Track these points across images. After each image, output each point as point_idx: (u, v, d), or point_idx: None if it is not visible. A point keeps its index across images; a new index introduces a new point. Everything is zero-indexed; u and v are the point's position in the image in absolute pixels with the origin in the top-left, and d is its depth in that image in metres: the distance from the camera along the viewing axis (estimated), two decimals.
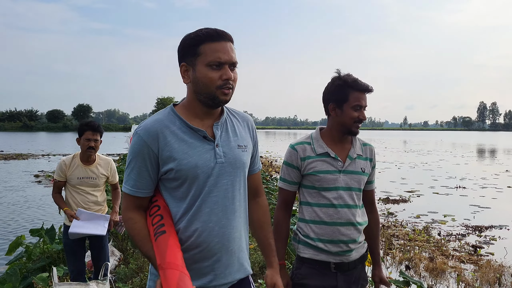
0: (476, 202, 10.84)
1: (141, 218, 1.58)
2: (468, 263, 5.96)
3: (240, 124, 1.71)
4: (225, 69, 1.50)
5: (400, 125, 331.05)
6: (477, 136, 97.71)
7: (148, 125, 1.54)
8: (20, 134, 74.59)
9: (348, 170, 2.13)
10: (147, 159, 1.53)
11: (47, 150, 31.40)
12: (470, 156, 28.59)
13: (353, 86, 2.08)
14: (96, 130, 3.81)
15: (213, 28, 1.54)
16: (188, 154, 1.52)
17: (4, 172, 17.67)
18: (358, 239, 2.14)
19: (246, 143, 1.68)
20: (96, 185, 3.90)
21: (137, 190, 1.56)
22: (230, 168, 1.58)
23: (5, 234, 7.82)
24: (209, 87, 1.51)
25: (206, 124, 1.59)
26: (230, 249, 1.59)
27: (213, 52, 1.49)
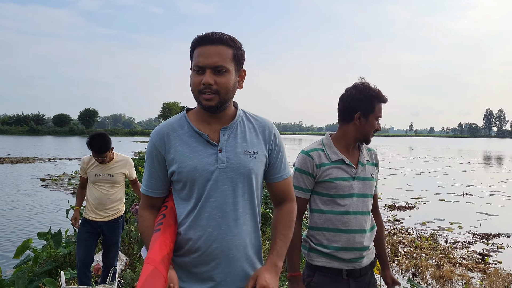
0: (483, 210, 10.77)
1: (150, 217, 1.64)
2: (475, 271, 5.91)
3: (255, 129, 1.66)
4: (205, 73, 1.49)
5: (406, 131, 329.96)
6: (483, 143, 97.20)
7: (158, 128, 1.61)
8: (27, 138, 75.02)
9: (360, 176, 2.14)
10: (156, 161, 1.60)
11: (53, 154, 31.55)
12: (476, 163, 28.44)
13: (379, 98, 2.14)
14: (100, 152, 3.91)
15: (207, 32, 1.53)
16: (189, 157, 1.54)
17: (11, 176, 17.77)
18: (370, 245, 2.15)
19: (256, 150, 1.61)
20: (114, 181, 4.08)
21: (149, 190, 1.64)
22: (232, 173, 1.55)
23: (13, 238, 7.87)
24: (193, 91, 1.54)
25: (214, 128, 1.59)
26: (231, 256, 1.55)
27: (197, 56, 1.50)
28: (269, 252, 1.63)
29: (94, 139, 3.87)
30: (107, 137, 3.95)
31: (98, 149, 3.87)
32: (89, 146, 3.89)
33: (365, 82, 2.15)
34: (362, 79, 2.17)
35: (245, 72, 1.63)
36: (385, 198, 11.93)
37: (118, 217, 4.15)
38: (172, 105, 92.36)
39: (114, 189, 4.10)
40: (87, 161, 4.07)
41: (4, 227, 8.68)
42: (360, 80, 2.17)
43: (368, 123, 2.13)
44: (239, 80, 1.61)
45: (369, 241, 2.14)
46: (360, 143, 2.20)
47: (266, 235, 6.81)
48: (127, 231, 5.98)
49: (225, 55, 1.50)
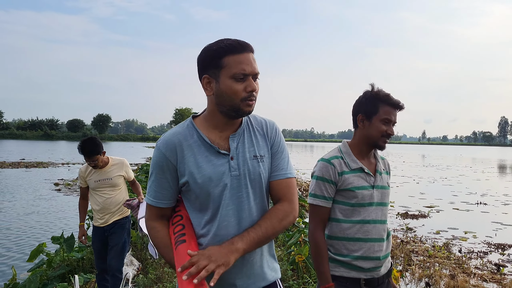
0: (498, 219, 10.60)
1: (163, 227, 1.63)
2: (491, 282, 5.81)
3: (258, 131, 1.66)
4: (249, 80, 1.50)
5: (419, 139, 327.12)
6: (498, 151, 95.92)
7: (167, 138, 1.58)
8: (41, 142, 76.02)
9: (379, 185, 2.12)
10: (167, 171, 1.57)
11: (67, 159, 31.92)
12: (491, 172, 28.05)
13: (384, 100, 2.09)
14: (90, 155, 3.95)
15: (234, 39, 1.53)
16: (202, 167, 1.53)
17: (26, 180, 18.00)
18: (388, 254, 2.14)
19: (263, 153, 1.63)
20: (114, 185, 4.13)
21: (159, 201, 1.61)
22: (245, 180, 1.56)
23: (27, 241, 7.96)
24: (233, 100, 1.51)
25: (224, 135, 1.59)
26: (251, 259, 1.58)
27: (237, 64, 1.48)
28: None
29: (84, 143, 3.95)
30: (96, 140, 4.02)
31: (88, 153, 3.92)
32: (80, 150, 3.96)
33: (373, 86, 2.14)
34: (372, 84, 2.15)
35: None
36: (397, 206, 11.81)
37: (122, 218, 4.17)
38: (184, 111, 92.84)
39: (115, 191, 4.15)
40: (84, 170, 4.14)
41: (19, 231, 8.79)
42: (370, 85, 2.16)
43: (372, 126, 2.09)
44: None
45: (387, 249, 2.12)
46: (375, 149, 2.16)
47: (278, 242, 6.78)
48: (140, 236, 6.01)
49: (256, 62, 1.55)
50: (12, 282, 4.74)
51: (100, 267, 4.18)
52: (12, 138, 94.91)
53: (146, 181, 11.98)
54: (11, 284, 4.69)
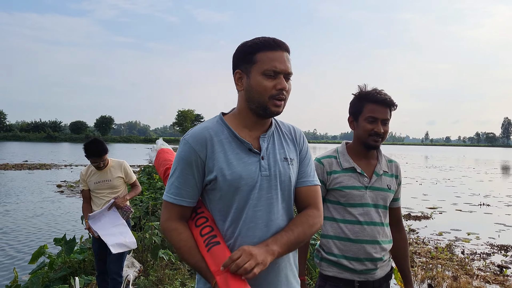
0: (501, 220, 10.55)
1: (186, 229, 1.52)
2: (493, 283, 5.78)
3: (288, 136, 1.64)
4: (280, 78, 1.47)
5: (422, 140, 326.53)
6: (501, 152, 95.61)
7: (196, 132, 1.52)
8: (44, 144, 76.24)
9: (374, 186, 2.10)
10: (195, 167, 1.49)
11: (70, 161, 31.99)
12: (494, 173, 27.95)
13: (367, 98, 2.06)
14: (99, 156, 4.03)
15: (270, 37, 1.52)
16: (233, 164, 1.48)
17: (29, 182, 18.04)
18: (384, 257, 2.09)
19: (292, 156, 1.60)
20: (112, 186, 4.16)
21: (181, 199, 1.51)
22: (274, 181, 1.52)
23: (29, 243, 7.97)
24: (262, 96, 1.48)
25: (254, 135, 1.55)
26: (277, 266, 1.51)
27: (270, 61, 1.47)
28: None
29: (91, 145, 4.02)
30: (100, 140, 4.12)
31: (97, 153, 4.00)
32: (87, 152, 4.00)
33: (360, 87, 2.12)
34: (360, 86, 2.13)
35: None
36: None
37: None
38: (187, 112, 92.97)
39: (115, 194, 4.18)
40: (85, 172, 4.19)
41: (21, 233, 8.80)
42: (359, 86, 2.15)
43: (359, 126, 2.09)
44: None
45: (383, 253, 2.08)
46: (367, 149, 2.12)
47: None
48: (141, 238, 6.00)
49: (290, 62, 1.52)
50: (13, 284, 4.74)
51: (100, 269, 4.19)
52: (15, 140, 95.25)
53: (148, 182, 11.99)
54: (13, 286, 4.69)
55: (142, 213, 7.75)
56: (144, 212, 7.83)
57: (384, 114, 2.06)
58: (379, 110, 2.04)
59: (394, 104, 2.08)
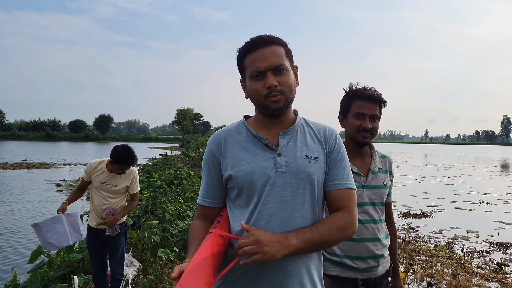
0: (501, 218, 10.55)
1: (200, 224, 1.56)
2: (493, 281, 5.78)
3: (315, 134, 1.58)
4: (267, 77, 1.45)
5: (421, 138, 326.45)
6: (500, 150, 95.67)
7: (215, 134, 1.58)
8: (43, 143, 76.14)
9: (371, 184, 2.10)
10: (211, 167, 1.55)
11: (69, 160, 31.93)
12: (493, 171, 27.96)
13: (355, 95, 2.08)
14: (129, 165, 3.96)
15: (253, 37, 1.50)
16: (246, 160, 1.48)
17: (28, 181, 18.01)
18: (385, 254, 2.11)
19: (317, 155, 1.52)
20: (115, 192, 4.05)
21: (204, 199, 1.59)
22: (291, 178, 1.46)
23: (27, 243, 7.96)
24: (258, 99, 1.49)
25: (273, 133, 1.54)
26: (289, 269, 1.43)
27: (252, 63, 1.47)
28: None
29: (124, 153, 3.86)
30: (133, 151, 3.98)
31: (128, 162, 3.90)
32: (118, 159, 3.85)
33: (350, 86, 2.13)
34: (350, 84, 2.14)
35: (297, 68, 1.59)
36: (400, 206, 11.76)
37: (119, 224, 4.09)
38: (186, 111, 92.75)
39: (115, 199, 4.07)
40: (95, 166, 4.01)
41: (20, 232, 8.79)
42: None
43: (348, 123, 2.11)
44: (295, 76, 1.56)
45: (383, 249, 2.10)
46: (358, 146, 2.12)
47: None
48: (140, 237, 5.99)
49: (280, 53, 1.48)
50: (12, 283, 4.73)
51: (96, 267, 4.15)
52: (14, 139, 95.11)
53: (147, 181, 11.97)
54: (11, 285, 4.68)
55: (141, 212, 7.74)
56: (143, 211, 7.82)
57: (372, 110, 2.06)
58: (366, 106, 2.05)
59: (382, 100, 2.09)
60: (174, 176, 13.25)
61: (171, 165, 20.03)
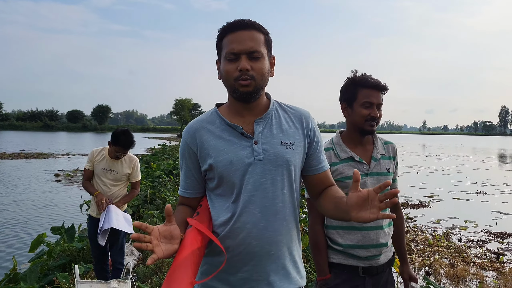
0: (498, 208, 10.61)
1: (184, 209, 1.57)
2: (490, 270, 5.83)
3: (291, 120, 1.58)
4: (241, 59, 1.43)
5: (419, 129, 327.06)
6: (498, 141, 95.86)
7: (189, 126, 1.56)
8: (41, 133, 76.00)
9: (374, 172, 2.10)
10: (189, 159, 1.55)
11: (67, 150, 31.91)
12: (491, 161, 28.05)
13: (361, 84, 2.06)
14: (127, 148, 3.98)
15: (236, 19, 1.48)
16: (224, 151, 1.47)
17: (26, 171, 18.01)
18: (388, 242, 2.11)
19: (293, 140, 1.53)
20: (117, 179, 4.08)
21: (185, 190, 1.60)
22: (270, 166, 1.47)
23: (28, 232, 7.98)
24: (228, 80, 1.46)
25: (248, 120, 1.52)
26: (272, 253, 1.48)
27: (229, 44, 1.44)
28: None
29: (122, 135, 3.93)
30: (132, 134, 4.05)
31: (126, 145, 3.93)
32: (117, 141, 3.91)
33: (352, 73, 2.11)
34: (352, 71, 2.12)
35: (274, 59, 1.56)
36: (398, 196, 11.74)
37: None
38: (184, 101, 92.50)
39: (116, 186, 4.10)
40: (97, 154, 4.08)
41: (20, 221, 8.80)
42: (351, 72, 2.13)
43: (354, 112, 2.08)
44: (271, 66, 1.54)
45: (386, 238, 2.10)
46: (364, 135, 2.12)
47: None
48: None
49: (259, 40, 1.45)
50: (12, 272, 4.74)
51: (97, 257, 4.16)
52: (11, 129, 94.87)
53: (146, 171, 11.98)
54: (11, 274, 4.70)
55: (141, 201, 7.76)
56: (143, 201, 7.84)
57: (378, 98, 2.06)
58: (373, 95, 2.05)
59: (386, 88, 2.08)
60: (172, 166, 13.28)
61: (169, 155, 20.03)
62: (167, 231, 1.32)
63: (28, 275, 4.41)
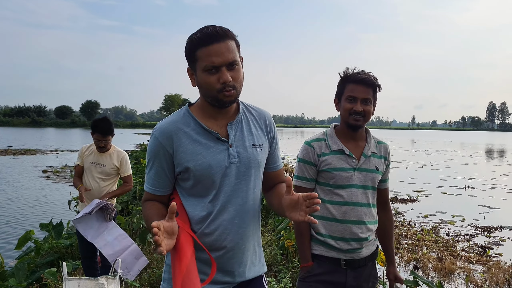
0: (485, 203, 10.74)
1: (154, 203, 1.63)
2: (477, 263, 5.91)
3: (257, 122, 1.68)
4: (221, 72, 1.47)
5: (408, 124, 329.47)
6: (486, 136, 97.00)
7: (163, 127, 1.57)
8: (29, 130, 75.17)
9: (362, 168, 2.12)
10: (163, 160, 1.57)
11: (55, 146, 31.61)
12: (479, 156, 28.37)
13: (348, 79, 2.10)
14: (106, 135, 3.98)
15: (207, 29, 1.49)
16: (202, 155, 1.53)
17: (13, 167, 17.81)
18: (369, 237, 2.13)
19: (261, 142, 1.66)
20: (105, 173, 4.07)
21: (156, 189, 1.62)
22: (243, 168, 1.58)
23: (15, 229, 7.90)
24: (210, 91, 1.50)
25: (221, 123, 1.59)
26: (243, 247, 1.61)
27: (207, 57, 1.46)
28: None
29: (100, 122, 3.97)
30: (110, 120, 4.06)
31: (103, 131, 3.94)
32: (94, 127, 3.95)
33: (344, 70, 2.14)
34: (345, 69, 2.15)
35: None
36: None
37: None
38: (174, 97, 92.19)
39: (105, 181, 4.09)
40: (85, 149, 4.14)
41: (7, 218, 8.71)
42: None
43: (341, 107, 2.13)
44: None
45: (368, 233, 2.12)
46: (350, 130, 2.14)
47: (267, 227, 6.81)
48: (129, 223, 5.99)
49: (233, 49, 1.50)
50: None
51: (85, 254, 4.12)
52: None
53: (136, 167, 11.92)
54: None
55: (130, 197, 7.72)
56: (132, 197, 7.81)
57: (364, 93, 2.07)
58: (358, 90, 2.06)
59: (375, 84, 2.09)
60: None
61: None
62: (170, 227, 1.39)
63: (15, 272, 4.35)
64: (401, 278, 2.31)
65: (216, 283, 1.59)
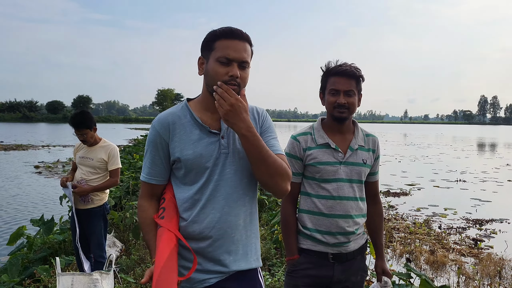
0: (477, 196, 10.84)
1: (149, 207, 1.70)
2: (468, 256, 5.97)
3: (251, 114, 1.73)
4: (232, 66, 1.56)
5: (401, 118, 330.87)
6: (477, 129, 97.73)
7: (162, 117, 1.68)
8: (20, 125, 74.54)
9: (349, 161, 2.12)
10: (160, 148, 1.66)
11: (47, 141, 31.38)
12: (470, 150, 28.58)
13: (329, 72, 2.10)
14: (78, 128, 3.94)
15: (233, 27, 1.61)
16: (194, 145, 1.62)
17: (5, 163, 17.66)
18: (357, 231, 2.13)
19: None
20: (93, 166, 4.03)
21: (151, 177, 1.69)
22: (233, 158, 1.65)
23: (7, 225, 7.84)
24: (214, 80, 1.56)
25: (216, 117, 1.66)
26: (232, 236, 1.64)
27: (224, 48, 1.56)
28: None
29: (75, 115, 3.97)
30: (88, 114, 4.00)
31: (77, 124, 3.91)
32: (70, 121, 3.96)
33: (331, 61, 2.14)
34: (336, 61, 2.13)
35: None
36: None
37: (96, 206, 4.05)
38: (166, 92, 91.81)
39: (94, 175, 4.02)
40: (78, 144, 4.17)
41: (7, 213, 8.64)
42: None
43: (325, 101, 2.13)
44: None
45: (355, 227, 2.12)
46: (336, 122, 2.13)
47: (261, 221, 6.83)
48: (122, 218, 5.97)
49: (249, 51, 1.61)
50: None
51: (74, 245, 4.04)
52: None
53: (128, 162, 11.88)
54: None
55: (123, 192, 7.70)
56: (125, 192, 7.78)
57: (346, 85, 2.06)
58: (339, 82, 2.07)
59: (356, 75, 2.08)
60: None
61: None
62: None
63: (8, 268, 4.34)
64: (389, 272, 2.30)
65: (208, 273, 1.63)
